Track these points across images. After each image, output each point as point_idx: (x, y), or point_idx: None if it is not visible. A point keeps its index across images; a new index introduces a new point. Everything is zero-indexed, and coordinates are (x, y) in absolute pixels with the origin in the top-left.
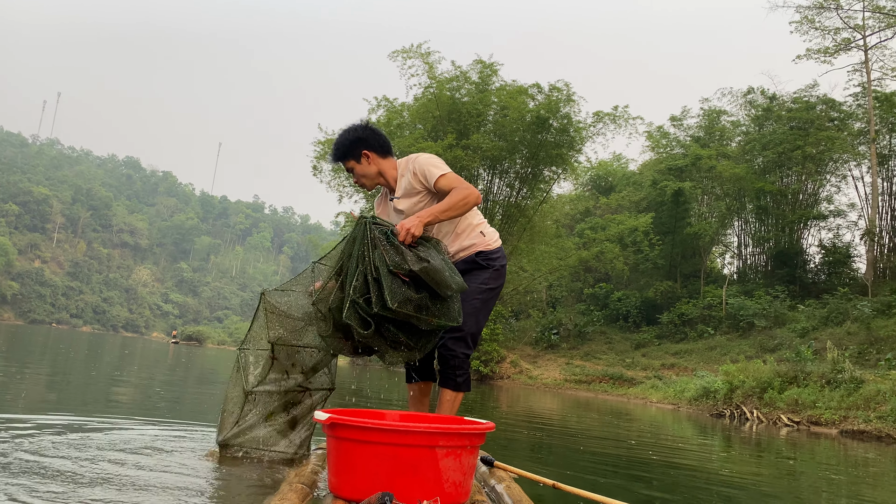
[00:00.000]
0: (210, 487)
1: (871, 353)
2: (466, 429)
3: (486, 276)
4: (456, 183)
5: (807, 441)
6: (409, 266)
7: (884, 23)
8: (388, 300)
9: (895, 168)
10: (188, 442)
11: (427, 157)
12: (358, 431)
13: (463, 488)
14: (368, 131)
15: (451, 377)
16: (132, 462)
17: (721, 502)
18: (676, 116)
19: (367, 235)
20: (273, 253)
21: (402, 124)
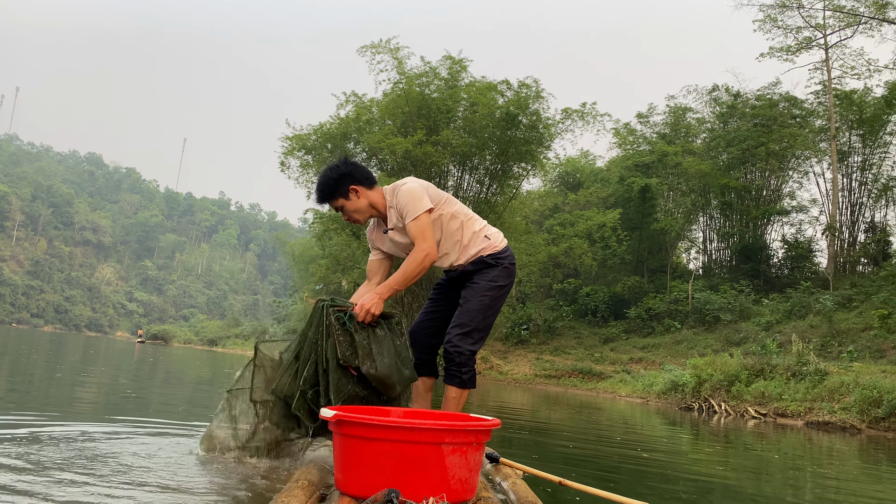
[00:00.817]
0: (211, 487)
1: (834, 345)
2: (472, 425)
3: (495, 273)
4: (418, 237)
5: (773, 433)
6: (358, 364)
7: (844, 22)
8: (332, 397)
9: (854, 165)
10: (186, 441)
11: (406, 190)
12: (364, 428)
13: (469, 485)
14: (351, 166)
15: (457, 374)
16: (132, 463)
17: (689, 494)
18: (643, 114)
19: (322, 322)
20: (240, 251)
21: (371, 120)
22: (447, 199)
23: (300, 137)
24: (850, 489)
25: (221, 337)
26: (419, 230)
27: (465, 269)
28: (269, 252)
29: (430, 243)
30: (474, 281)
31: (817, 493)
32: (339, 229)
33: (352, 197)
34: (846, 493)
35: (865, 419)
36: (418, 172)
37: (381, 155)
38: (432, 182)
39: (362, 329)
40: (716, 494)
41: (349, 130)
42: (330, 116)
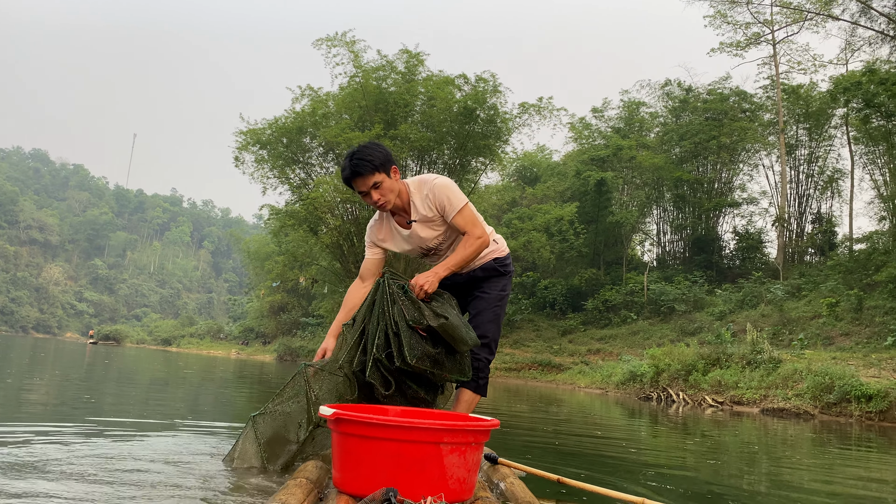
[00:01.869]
0: (211, 486)
1: (785, 333)
2: (471, 425)
3: (505, 282)
4: (470, 225)
5: (730, 420)
6: (428, 322)
7: (790, 18)
8: (406, 355)
9: (802, 157)
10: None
11: (445, 184)
12: (363, 427)
13: (467, 485)
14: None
15: (474, 379)
16: (131, 464)
17: (648, 481)
18: (598, 108)
19: (385, 291)
20: (193, 248)
21: (328, 114)
22: (467, 199)
23: (255, 132)
24: (801, 473)
25: (176, 336)
26: (469, 219)
27: (474, 275)
28: (223, 249)
29: (482, 230)
30: (485, 290)
31: (772, 476)
32: (295, 225)
33: (393, 176)
34: (798, 476)
35: (818, 405)
36: None
37: (338, 150)
38: None
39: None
40: (674, 480)
41: (305, 125)
42: (285, 111)
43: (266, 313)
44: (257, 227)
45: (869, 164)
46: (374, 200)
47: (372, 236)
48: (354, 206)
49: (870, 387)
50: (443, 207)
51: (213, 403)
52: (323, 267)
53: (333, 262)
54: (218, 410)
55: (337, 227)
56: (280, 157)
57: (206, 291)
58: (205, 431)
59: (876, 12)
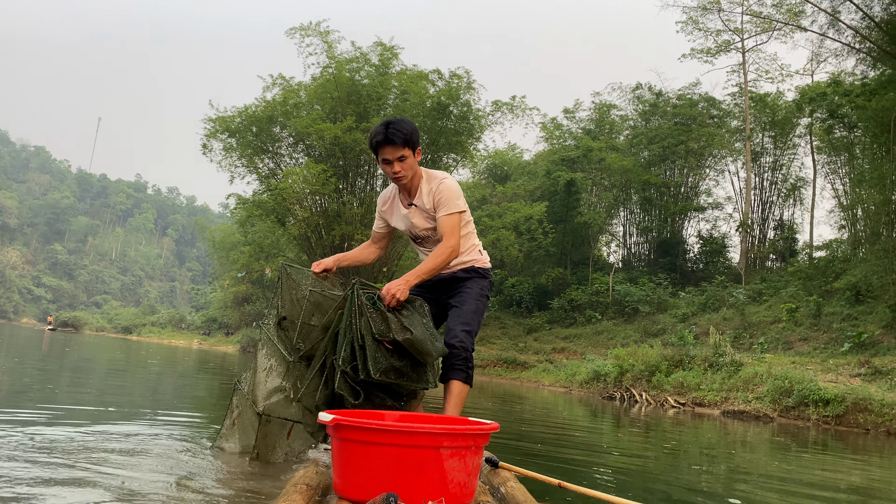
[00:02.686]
0: (212, 486)
1: (746, 337)
2: (471, 429)
3: (485, 283)
4: (448, 232)
5: (691, 421)
6: (394, 335)
7: (760, 27)
8: (370, 369)
9: (766, 164)
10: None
11: (450, 185)
12: (363, 432)
13: (467, 489)
14: None
15: (463, 368)
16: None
17: (609, 478)
18: (569, 109)
19: (354, 303)
20: (156, 235)
21: (299, 104)
22: (467, 208)
23: (224, 119)
24: (759, 471)
25: (136, 325)
26: (451, 226)
27: (455, 275)
28: (187, 238)
29: (457, 241)
30: (467, 286)
31: (729, 474)
32: (262, 215)
33: (416, 156)
34: (755, 475)
35: (777, 408)
36: (347, 160)
37: (308, 140)
38: (360, 169)
39: (390, 311)
40: (635, 477)
41: (276, 114)
42: (256, 99)
43: (230, 304)
44: (223, 217)
45: (830, 174)
46: (394, 171)
47: (379, 205)
48: (323, 197)
49: (827, 391)
50: (438, 204)
51: (189, 395)
52: (290, 258)
53: (301, 253)
54: (192, 402)
55: (305, 219)
56: (249, 145)
57: (169, 280)
58: (189, 425)
59: (844, 25)
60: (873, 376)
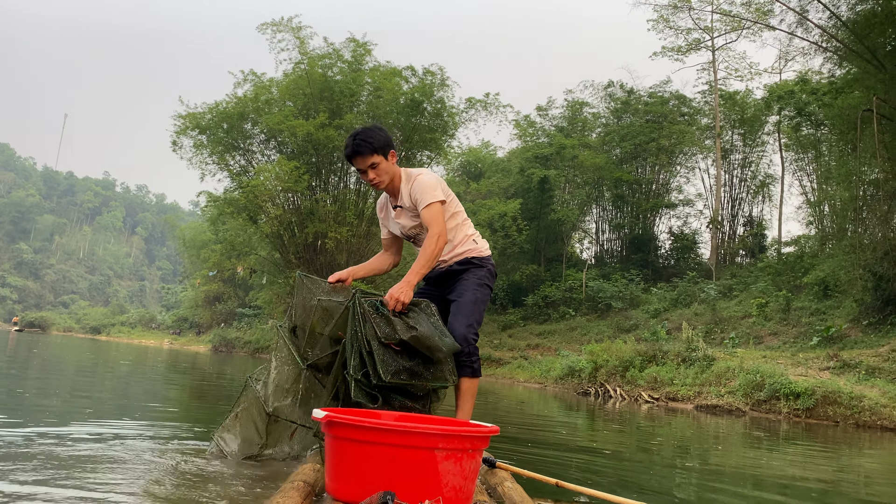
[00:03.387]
0: (211, 486)
1: (717, 332)
2: (468, 431)
3: (483, 272)
4: (431, 221)
5: (665, 416)
6: (399, 335)
7: (729, 26)
8: (381, 373)
9: (736, 162)
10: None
11: (423, 181)
12: (356, 430)
13: (464, 493)
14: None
15: (468, 364)
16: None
17: (582, 473)
18: (542, 107)
19: (357, 311)
20: (125, 234)
21: (271, 100)
22: (453, 197)
23: (194, 116)
24: (731, 464)
25: (106, 325)
26: (431, 217)
27: (451, 268)
28: (157, 236)
29: (441, 227)
30: (464, 278)
31: (702, 465)
32: (234, 213)
33: (389, 159)
34: (728, 467)
35: (749, 402)
36: (320, 157)
37: (280, 137)
38: (333, 166)
39: (396, 316)
40: (607, 470)
41: (247, 110)
42: (226, 95)
43: (201, 303)
44: (193, 215)
45: (798, 171)
46: (369, 179)
47: (378, 213)
48: (296, 195)
49: (798, 385)
50: (416, 200)
51: (167, 395)
52: (262, 257)
53: (273, 252)
54: (174, 403)
55: (277, 217)
56: (220, 142)
57: (139, 279)
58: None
59: (812, 24)
60: (842, 369)
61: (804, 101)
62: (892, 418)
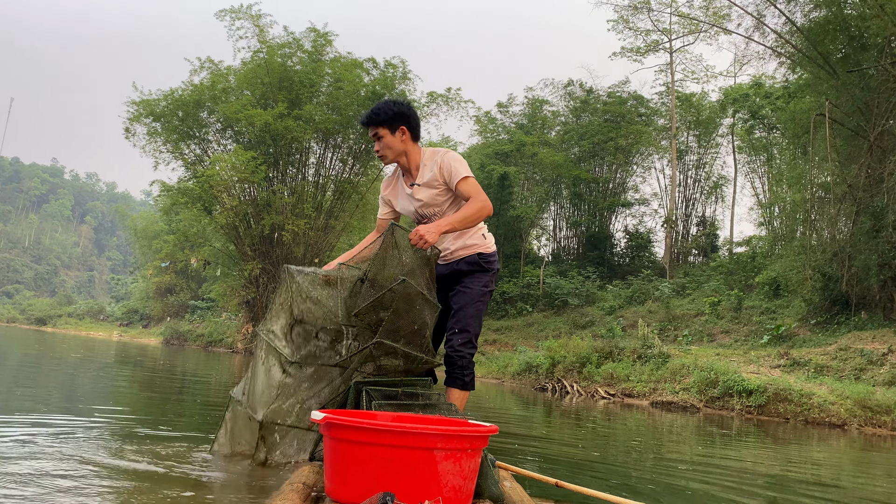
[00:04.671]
0: (210, 485)
1: (671, 329)
2: (467, 431)
3: (487, 278)
4: (475, 192)
5: (621, 412)
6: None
7: (687, 29)
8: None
9: (691, 162)
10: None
11: (455, 156)
12: (354, 432)
13: (463, 493)
14: (411, 111)
15: (459, 377)
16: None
17: (538, 463)
18: (503, 103)
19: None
20: (74, 223)
21: (228, 89)
22: None
23: (148, 103)
24: (683, 458)
25: (52, 316)
26: (475, 186)
27: (458, 269)
28: (107, 226)
29: (486, 198)
30: (467, 286)
31: (656, 459)
32: (188, 203)
33: (396, 135)
34: (680, 461)
35: (703, 399)
36: (278, 147)
37: (237, 126)
38: (291, 158)
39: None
40: (561, 464)
41: (203, 98)
42: (182, 82)
43: (152, 294)
44: (146, 204)
45: (751, 173)
46: (376, 148)
47: (382, 191)
48: (252, 186)
49: (750, 382)
50: (450, 174)
51: (137, 393)
52: (216, 248)
53: (228, 243)
54: (149, 402)
55: (233, 208)
56: (175, 130)
57: (87, 269)
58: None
59: (769, 28)
60: (792, 367)
61: (758, 105)
62: (840, 415)
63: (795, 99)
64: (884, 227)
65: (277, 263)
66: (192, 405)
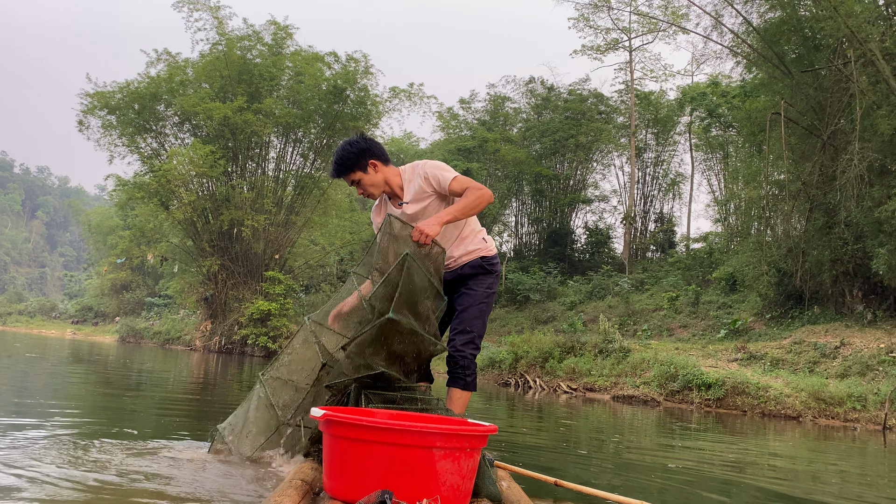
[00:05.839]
0: (210, 485)
1: (630, 324)
2: (466, 430)
3: (491, 280)
4: (468, 183)
5: (583, 406)
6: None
7: (646, 28)
8: None
9: (649, 160)
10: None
11: (434, 163)
12: (353, 429)
13: (461, 492)
14: (370, 142)
15: (461, 377)
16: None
17: (502, 452)
18: (465, 100)
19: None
20: (24, 217)
21: (186, 81)
22: None
23: (103, 95)
24: (645, 448)
25: (1, 314)
26: (464, 181)
27: (461, 272)
28: (59, 221)
29: (482, 186)
30: (471, 287)
31: (619, 451)
32: (145, 198)
33: (370, 171)
34: (640, 451)
35: (663, 392)
36: (238, 141)
37: (195, 120)
38: (251, 152)
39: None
40: (520, 456)
41: (160, 91)
42: (139, 74)
43: (107, 291)
44: (100, 199)
45: (707, 171)
46: (360, 193)
47: (374, 219)
48: (211, 181)
49: (709, 376)
50: (438, 182)
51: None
52: (174, 244)
53: (186, 239)
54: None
55: (191, 203)
56: (130, 123)
57: (39, 266)
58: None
59: (726, 28)
60: (748, 361)
61: (715, 104)
62: (795, 407)
63: (751, 98)
64: (836, 223)
65: (236, 259)
66: (167, 403)
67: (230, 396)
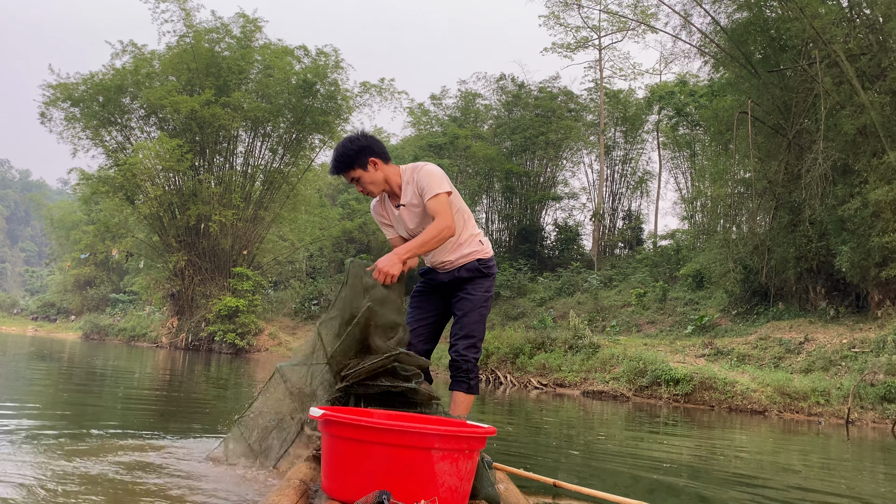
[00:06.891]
0: (209, 486)
1: (599, 320)
2: (465, 432)
3: (488, 283)
4: (440, 211)
5: (553, 401)
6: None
7: (616, 26)
8: None
9: (617, 158)
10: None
11: (429, 170)
12: (353, 430)
13: (459, 494)
14: (371, 139)
15: (464, 380)
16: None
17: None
18: (436, 96)
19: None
20: None
21: (152, 74)
22: (456, 193)
23: (66, 87)
24: (618, 442)
25: None
26: (440, 206)
27: (458, 276)
28: (20, 215)
29: (449, 219)
30: (470, 292)
31: (591, 445)
32: (109, 192)
33: (370, 169)
34: (612, 444)
35: (632, 388)
36: (205, 135)
37: (162, 113)
38: (218, 146)
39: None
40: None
41: (125, 83)
42: (103, 66)
43: (70, 287)
44: (63, 193)
45: (674, 169)
46: (359, 191)
47: (375, 216)
48: (178, 175)
49: (677, 371)
50: (422, 190)
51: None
52: (139, 239)
53: (152, 234)
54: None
55: (157, 197)
56: (94, 116)
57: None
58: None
59: (695, 28)
60: (715, 356)
61: (683, 102)
62: (761, 402)
63: (718, 97)
64: (801, 221)
65: (204, 255)
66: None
67: (197, 393)
